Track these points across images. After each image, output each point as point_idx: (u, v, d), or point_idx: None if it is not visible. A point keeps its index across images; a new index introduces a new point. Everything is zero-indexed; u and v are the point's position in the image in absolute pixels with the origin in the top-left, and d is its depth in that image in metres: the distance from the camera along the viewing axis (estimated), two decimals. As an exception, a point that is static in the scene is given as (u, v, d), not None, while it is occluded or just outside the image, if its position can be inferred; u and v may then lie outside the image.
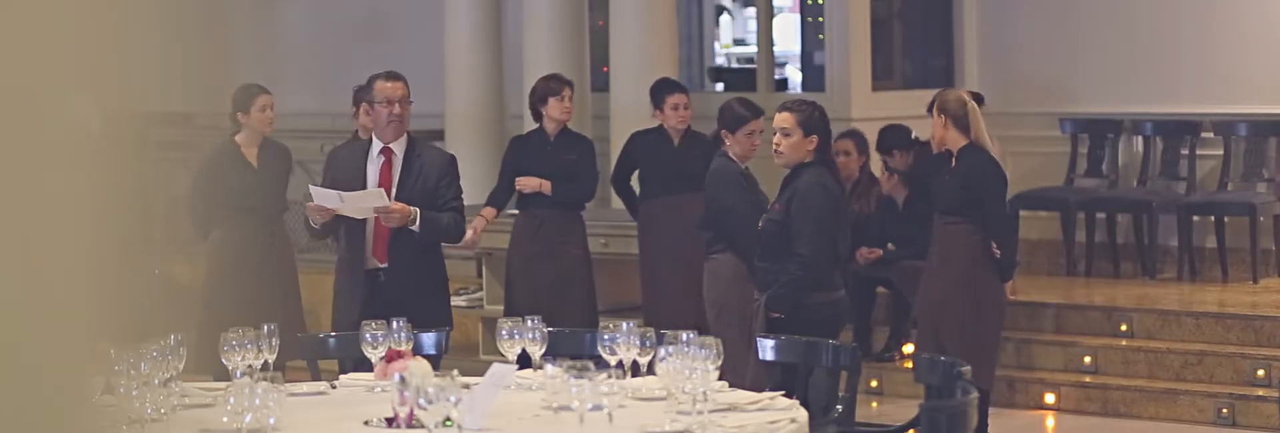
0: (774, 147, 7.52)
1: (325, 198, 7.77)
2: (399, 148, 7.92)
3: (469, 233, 8.72)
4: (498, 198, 9.76)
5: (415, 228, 7.77)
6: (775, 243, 7.46)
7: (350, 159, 8.04)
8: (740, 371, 6.75)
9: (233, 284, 8.91)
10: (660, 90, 9.98)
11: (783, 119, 7.46)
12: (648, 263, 10.00)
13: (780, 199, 7.46)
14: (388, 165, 7.90)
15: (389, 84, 7.91)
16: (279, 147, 9.24)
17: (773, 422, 5.27)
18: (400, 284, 7.83)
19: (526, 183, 9.62)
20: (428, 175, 7.88)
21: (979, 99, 8.46)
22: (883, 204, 10.32)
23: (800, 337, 6.52)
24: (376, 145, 7.96)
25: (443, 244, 8.21)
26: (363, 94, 9.17)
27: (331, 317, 8.18)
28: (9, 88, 2.60)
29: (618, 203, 10.54)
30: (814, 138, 7.43)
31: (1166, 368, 9.93)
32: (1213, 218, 11.34)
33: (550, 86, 9.62)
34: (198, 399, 5.45)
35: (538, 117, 9.68)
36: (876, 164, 10.54)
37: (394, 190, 7.84)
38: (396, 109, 7.86)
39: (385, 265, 7.87)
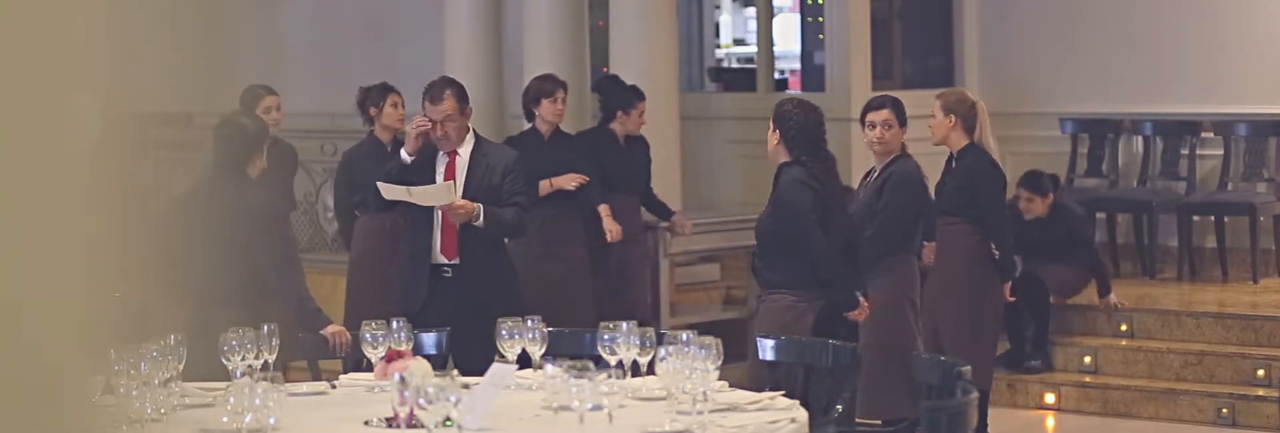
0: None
1: (392, 191, 7.76)
2: (465, 149, 7.94)
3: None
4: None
5: (479, 224, 7.78)
6: (771, 243, 7.46)
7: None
8: None
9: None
10: (629, 95, 9.92)
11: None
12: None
13: (770, 200, 7.49)
14: (452, 166, 7.92)
15: (431, 106, 7.87)
16: (285, 146, 9.25)
17: (773, 422, 5.27)
18: (468, 281, 7.85)
19: (568, 181, 9.55)
20: (493, 173, 7.88)
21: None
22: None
23: (800, 337, 6.52)
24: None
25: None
26: (374, 96, 9.24)
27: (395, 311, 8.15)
28: (9, 88, 2.60)
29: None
30: (778, 133, 7.45)
31: (1166, 368, 9.94)
32: (1213, 218, 11.34)
33: (544, 87, 9.59)
34: (198, 399, 5.45)
35: (531, 117, 9.66)
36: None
37: (459, 190, 7.85)
38: (439, 131, 7.84)
39: (454, 261, 7.87)
